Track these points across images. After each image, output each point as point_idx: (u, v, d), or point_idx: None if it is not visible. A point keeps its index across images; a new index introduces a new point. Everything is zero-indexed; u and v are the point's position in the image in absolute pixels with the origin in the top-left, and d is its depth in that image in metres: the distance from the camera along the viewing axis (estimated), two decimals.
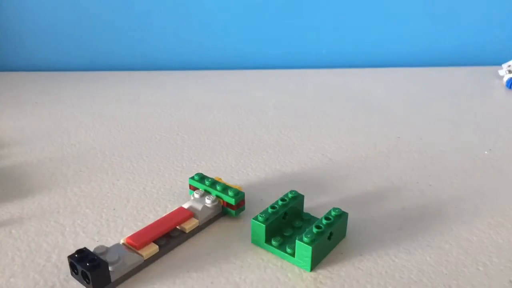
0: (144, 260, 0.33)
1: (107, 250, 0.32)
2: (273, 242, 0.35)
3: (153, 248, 0.34)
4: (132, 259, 0.32)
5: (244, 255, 0.35)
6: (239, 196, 0.38)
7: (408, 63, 0.88)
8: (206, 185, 0.40)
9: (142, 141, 0.54)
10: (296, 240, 0.33)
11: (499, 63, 0.82)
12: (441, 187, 0.44)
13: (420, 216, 0.40)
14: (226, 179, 0.46)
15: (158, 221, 0.36)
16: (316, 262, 0.34)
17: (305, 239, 0.33)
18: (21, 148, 0.52)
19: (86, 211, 0.40)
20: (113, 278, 0.31)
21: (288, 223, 0.37)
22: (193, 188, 0.41)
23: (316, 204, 0.41)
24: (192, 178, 0.41)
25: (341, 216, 0.35)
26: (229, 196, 0.38)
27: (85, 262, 0.30)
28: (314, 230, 0.33)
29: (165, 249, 0.35)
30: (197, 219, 0.37)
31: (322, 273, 0.33)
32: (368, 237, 0.37)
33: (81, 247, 0.35)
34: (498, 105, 0.67)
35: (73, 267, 0.31)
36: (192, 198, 0.39)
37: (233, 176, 0.46)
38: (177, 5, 0.83)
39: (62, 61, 0.85)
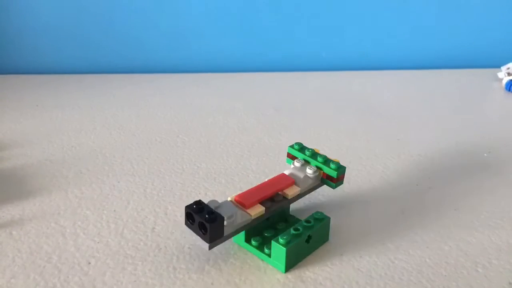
0: (252, 220, 0.34)
1: (220, 205, 0.33)
2: (253, 242, 0.35)
3: (260, 209, 0.35)
4: (243, 217, 0.34)
5: (244, 257, 0.35)
6: (341, 169, 0.39)
7: (407, 66, 0.88)
8: (306, 155, 0.40)
9: (142, 143, 0.55)
10: (272, 241, 0.33)
11: (498, 66, 0.82)
12: (441, 189, 0.45)
13: (420, 218, 0.40)
14: (226, 181, 0.46)
15: (262, 184, 0.37)
16: (291, 264, 0.34)
17: (280, 240, 0.33)
18: (22, 150, 0.52)
19: (86, 212, 0.40)
20: (226, 232, 0.33)
21: (271, 224, 0.37)
22: (291, 157, 0.41)
23: (315, 206, 0.42)
24: (292, 146, 0.41)
25: (322, 220, 0.35)
26: (331, 168, 0.38)
27: (204, 214, 0.31)
28: (292, 232, 0.33)
29: (269, 211, 0.35)
30: (298, 187, 0.38)
31: (321, 275, 0.33)
32: (367, 239, 0.37)
33: (82, 248, 0.36)
34: (497, 107, 0.68)
35: (189, 217, 0.32)
36: (292, 166, 0.40)
37: (233, 178, 0.47)
38: (177, 8, 0.83)
39: (63, 64, 0.85)
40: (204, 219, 0.31)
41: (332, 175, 0.39)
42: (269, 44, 0.87)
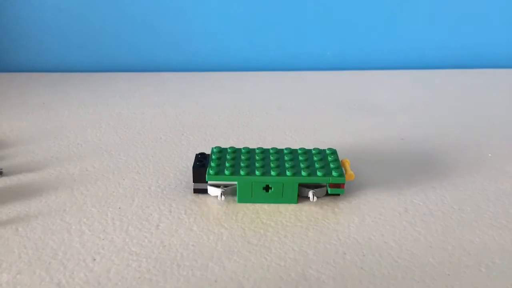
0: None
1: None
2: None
3: None
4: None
5: (248, 254, 0.35)
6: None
7: (412, 66, 0.88)
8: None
9: (147, 141, 0.55)
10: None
11: (501, 66, 0.81)
12: (444, 189, 0.45)
13: (423, 218, 0.40)
14: None
15: None
16: (243, 198, 0.41)
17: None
18: (29, 147, 0.53)
19: (92, 209, 0.41)
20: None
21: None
22: None
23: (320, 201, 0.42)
24: None
25: (287, 180, 0.40)
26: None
27: (196, 161, 0.43)
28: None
29: None
30: None
31: (324, 273, 0.33)
32: (370, 238, 0.37)
33: (87, 245, 0.36)
34: (502, 107, 0.67)
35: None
36: None
37: None
38: (182, 7, 0.83)
39: (69, 62, 0.86)
40: (194, 164, 0.43)
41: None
42: (273, 43, 0.87)
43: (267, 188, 0.41)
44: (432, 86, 0.77)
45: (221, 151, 0.44)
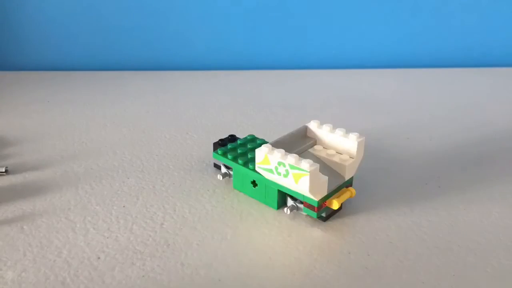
0: None
1: None
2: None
3: None
4: None
5: (252, 254, 0.35)
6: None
7: (418, 64, 0.87)
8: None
9: (151, 140, 0.55)
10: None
11: (507, 65, 0.81)
12: (450, 188, 0.44)
13: (428, 218, 0.40)
14: None
15: None
16: (236, 185, 0.42)
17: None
18: (33, 146, 0.53)
19: (96, 208, 0.41)
20: None
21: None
22: None
23: None
24: None
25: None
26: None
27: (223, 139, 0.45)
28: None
29: None
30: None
31: (329, 273, 0.33)
32: (375, 238, 0.37)
33: (92, 243, 0.36)
34: (508, 106, 0.67)
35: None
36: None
37: None
38: (186, 6, 0.83)
39: (74, 61, 0.86)
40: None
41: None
42: (278, 42, 0.87)
43: (254, 184, 0.41)
44: (439, 84, 0.77)
45: (254, 139, 0.45)
